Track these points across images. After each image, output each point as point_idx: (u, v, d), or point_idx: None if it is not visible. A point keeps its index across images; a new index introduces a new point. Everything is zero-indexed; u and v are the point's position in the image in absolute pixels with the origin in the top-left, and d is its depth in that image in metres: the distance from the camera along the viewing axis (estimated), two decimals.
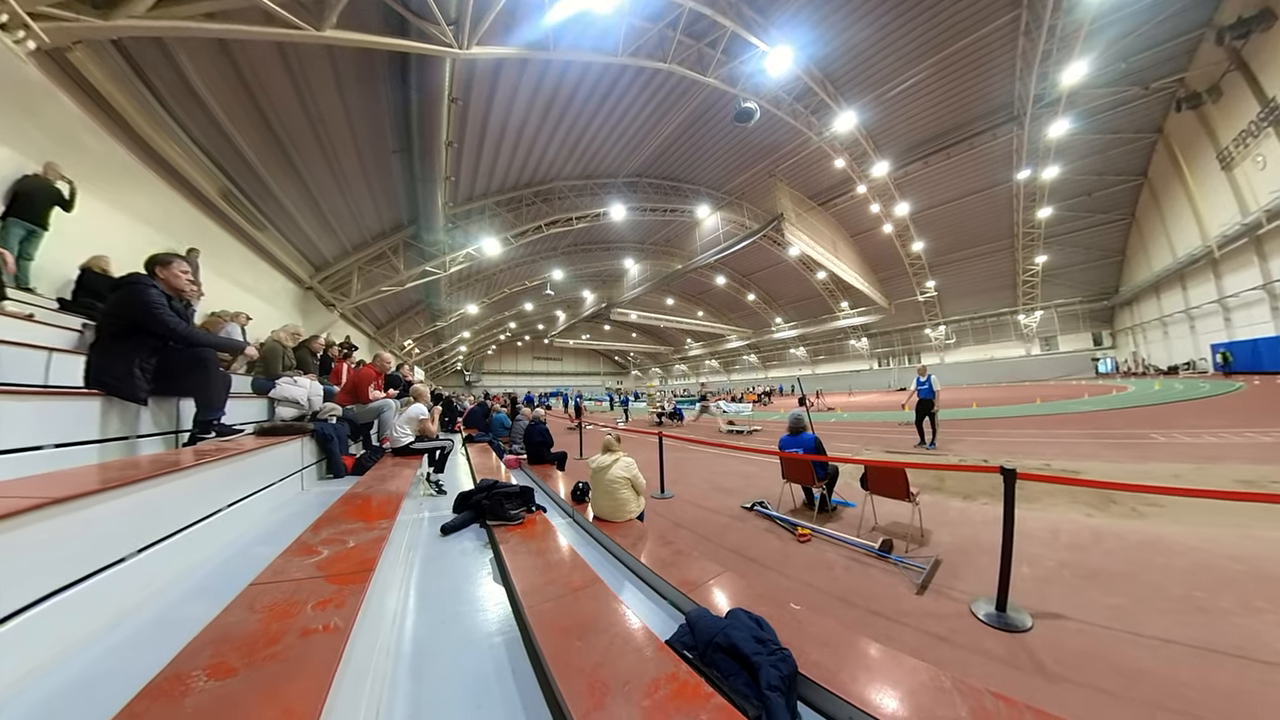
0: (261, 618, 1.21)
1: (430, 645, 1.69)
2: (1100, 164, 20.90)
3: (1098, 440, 7.37)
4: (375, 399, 4.75)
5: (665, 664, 1.31)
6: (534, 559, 2.24)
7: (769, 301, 38.46)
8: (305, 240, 11.20)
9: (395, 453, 4.19)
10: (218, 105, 7.07)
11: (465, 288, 22.64)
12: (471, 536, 2.86)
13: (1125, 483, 2.21)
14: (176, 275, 2.60)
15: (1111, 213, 23.88)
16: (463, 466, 5.73)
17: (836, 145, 17.57)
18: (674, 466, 7.22)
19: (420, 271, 13.31)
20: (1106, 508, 4.10)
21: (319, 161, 9.24)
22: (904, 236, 25.43)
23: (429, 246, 13.15)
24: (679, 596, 2.09)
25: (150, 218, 6.72)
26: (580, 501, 3.66)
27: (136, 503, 1.59)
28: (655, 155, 17.36)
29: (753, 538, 4.15)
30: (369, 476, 3.38)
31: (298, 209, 10.05)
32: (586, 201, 16.89)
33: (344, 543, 1.83)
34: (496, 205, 14.83)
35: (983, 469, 3.47)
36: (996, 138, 18.27)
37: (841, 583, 3.13)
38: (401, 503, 2.67)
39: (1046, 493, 4.59)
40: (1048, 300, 29.88)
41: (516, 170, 14.31)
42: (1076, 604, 2.59)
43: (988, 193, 22.24)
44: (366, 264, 12.94)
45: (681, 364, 62.22)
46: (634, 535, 2.86)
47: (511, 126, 12.05)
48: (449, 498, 3.54)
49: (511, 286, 25.25)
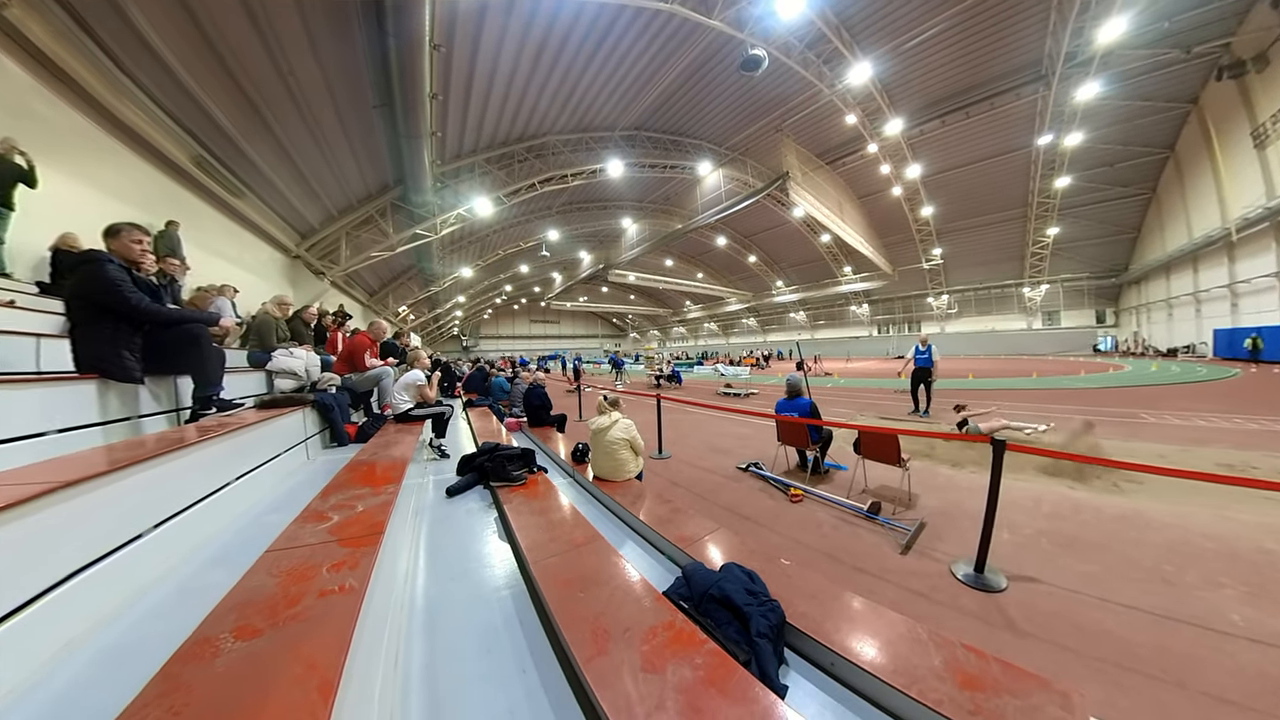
0: (280, 581, 1.27)
1: (441, 601, 1.78)
2: (1126, 133, 19.90)
3: (1089, 416, 7.50)
4: (373, 366, 4.77)
5: (662, 613, 1.39)
6: (537, 518, 2.30)
7: (770, 264, 37.87)
8: (288, 207, 10.77)
9: (397, 419, 4.25)
10: (179, 63, 6.54)
11: (458, 251, 22.15)
12: (476, 498, 2.94)
13: (1108, 458, 2.30)
14: (128, 246, 2.45)
15: (1132, 186, 23.00)
16: (464, 431, 5.80)
17: (848, 99, 16.72)
18: (672, 428, 7.36)
19: (410, 235, 12.93)
20: (1089, 481, 4.25)
21: (295, 121, 8.72)
22: (913, 201, 24.72)
23: (418, 209, 12.70)
24: (676, 551, 2.17)
25: (120, 190, 6.41)
26: (580, 462, 3.72)
27: (147, 480, 1.63)
28: (654, 107, 16.52)
29: (747, 497, 4.30)
30: (372, 444, 3.43)
31: (277, 173, 9.58)
32: (582, 157, 16.21)
33: (353, 508, 1.89)
34: (487, 163, 14.23)
35: (974, 438, 3.58)
36: (1020, 98, 17.32)
37: (830, 541, 3.29)
38: (406, 468, 2.72)
39: (1032, 464, 4.73)
40: (1055, 274, 29.28)
41: (507, 124, 13.61)
42: (1050, 569, 2.74)
43: (1005, 158, 21.39)
44: (354, 229, 12.53)
45: (680, 326, 62.07)
46: (633, 494, 2.94)
47: (500, 76, 11.37)
48: (452, 461, 3.63)
49: (506, 248, 24.71)
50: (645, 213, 26.30)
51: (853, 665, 1.34)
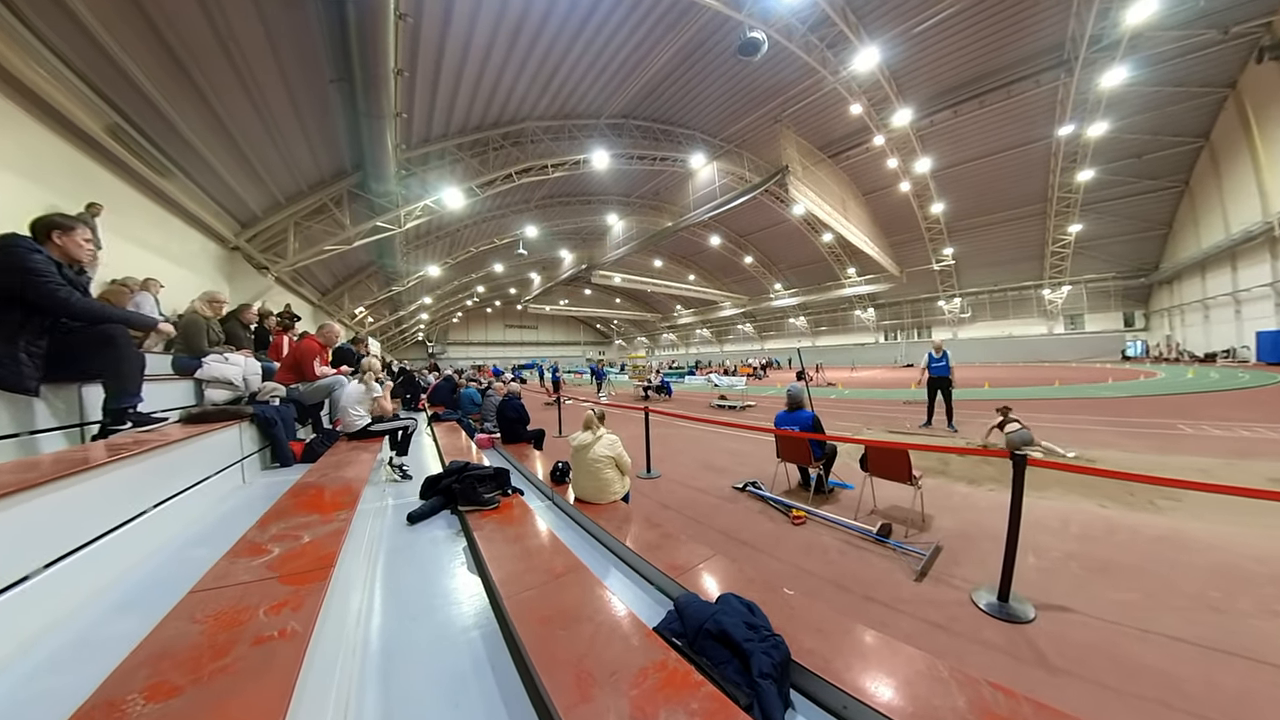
0: (206, 628, 1.21)
1: (401, 644, 1.73)
2: (1157, 122, 20.41)
3: (1118, 428, 7.68)
4: (323, 376, 4.68)
5: (653, 652, 1.37)
6: (511, 546, 2.29)
7: (768, 265, 38.43)
8: (226, 191, 10.49)
9: (350, 436, 4.18)
10: (88, 11, 6.29)
11: (424, 247, 21.96)
12: (441, 524, 2.92)
13: (1142, 474, 2.34)
14: (79, 245, 2.39)
15: (1162, 179, 23.66)
16: (429, 448, 5.73)
17: (854, 88, 17.19)
18: (661, 444, 7.38)
19: (370, 228, 12.77)
20: (1122, 499, 4.33)
21: (235, 91, 8.49)
22: (923, 197, 25.43)
23: (379, 198, 12.55)
24: (667, 582, 2.16)
25: (15, 162, 6.04)
26: (560, 483, 3.73)
27: (37, 511, 1.53)
28: (644, 93, 16.74)
29: (744, 520, 4.31)
30: (322, 463, 3.38)
31: (213, 151, 9.31)
32: (564, 147, 16.30)
33: (297, 538, 1.84)
34: (458, 150, 14.20)
35: (991, 453, 3.63)
36: (1040, 85, 17.84)
37: (837, 568, 3.28)
38: (361, 491, 2.69)
39: (1058, 481, 4.82)
40: (1077, 274, 30.13)
41: (481, 107, 13.63)
42: (1083, 597, 2.75)
43: (1022, 150, 22.09)
44: (305, 219, 12.30)
45: (670, 333, 62.47)
46: (619, 518, 2.94)
47: (474, 53, 11.40)
48: (415, 483, 3.58)
49: (478, 245, 24.60)
50: (633, 209, 26.50)
51: (867, 708, 1.33)
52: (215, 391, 3.73)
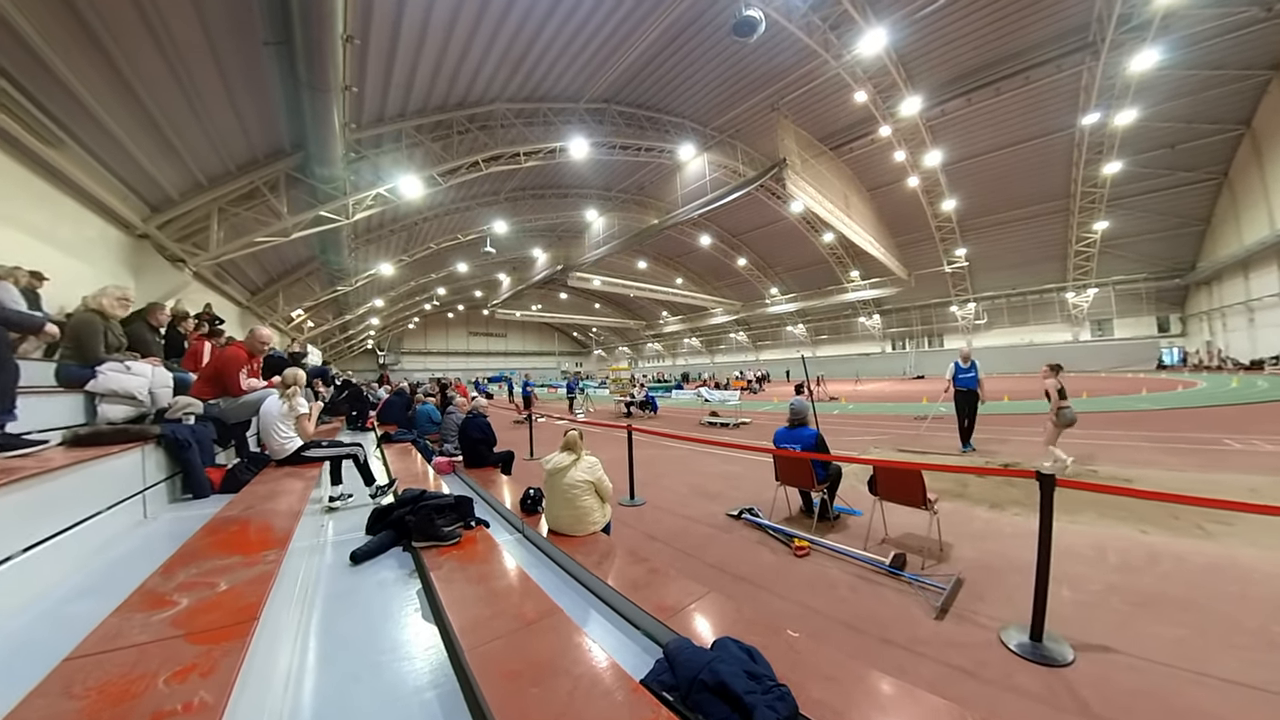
0: (87, 704, 1.13)
1: (340, 710, 1.67)
2: (1191, 108, 20.48)
3: (1157, 444, 7.86)
4: (251, 390, 4.54)
5: (642, 709, 1.36)
6: (474, 587, 2.28)
7: (763, 268, 39.01)
8: (133, 167, 9.95)
9: (282, 462, 4.07)
10: None
11: (376, 241, 21.74)
12: (392, 564, 2.88)
13: (1187, 494, 2.36)
14: None
15: (1198, 170, 24.19)
16: (378, 473, 5.60)
17: (859, 73, 17.72)
18: (646, 466, 7.38)
19: (312, 218, 12.51)
20: (1165, 524, 4.42)
21: (147, 47, 7.92)
22: (933, 193, 26.22)
23: (324, 184, 12.33)
24: (655, 626, 2.16)
25: None
26: (531, 513, 3.75)
27: None
28: (628, 76, 16.98)
29: (741, 552, 4.32)
30: (246, 494, 3.31)
31: (116, 118, 8.73)
32: (538, 133, 16.39)
33: (212, 586, 1.78)
34: (418, 132, 14.14)
35: (1015, 473, 3.68)
36: (1061, 70, 18.40)
37: (847, 605, 3.28)
38: (294, 526, 2.64)
39: (1092, 504, 4.90)
40: (1104, 276, 30.90)
41: (445, 84, 13.60)
42: (1128, 635, 2.77)
43: (1042, 141, 22.79)
44: (232, 204, 11.89)
45: (655, 342, 62.72)
46: (599, 552, 2.96)
47: (437, 21, 11.38)
48: (360, 515, 3.53)
49: (439, 241, 24.44)
50: (614, 204, 26.70)
51: None
52: (112, 407, 3.56)
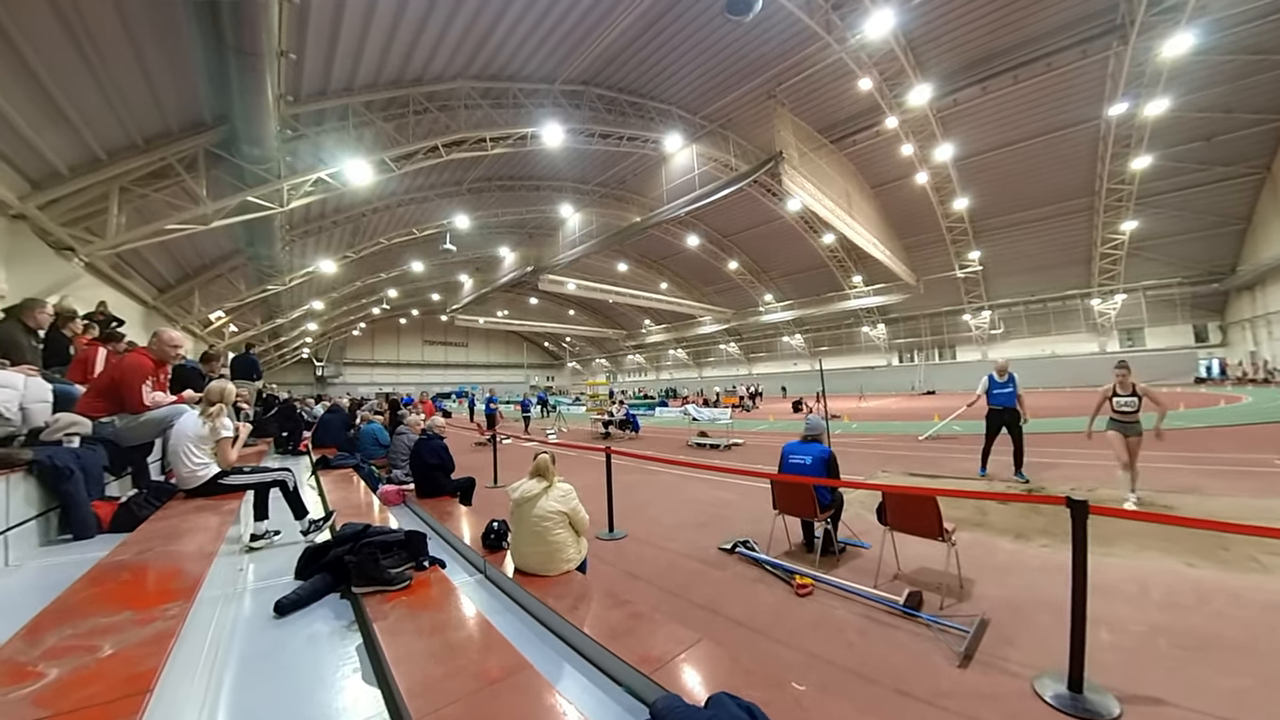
0: None
1: None
2: (1230, 97, 20.61)
3: (1199, 466, 8.03)
4: (156, 405, 4.34)
5: None
6: (426, 639, 2.23)
7: (757, 272, 39.56)
8: (7, 132, 9.43)
9: (193, 492, 3.92)
10: None
11: (317, 234, 21.35)
12: (326, 614, 2.79)
13: (1240, 523, 2.37)
14: None
15: (1238, 164, 24.60)
16: (312, 505, 5.43)
17: (864, 59, 18.19)
18: (627, 494, 7.38)
19: (239, 203, 12.14)
20: (1214, 556, 4.45)
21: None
22: (944, 190, 26.96)
23: (253, 165, 11.95)
24: (640, 681, 2.14)
25: None
26: (495, 549, 3.73)
27: None
28: (609, 55, 17.18)
29: (736, 591, 4.32)
30: (144, 533, 3.16)
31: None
32: (507, 116, 16.42)
33: (92, 651, 1.65)
34: (368, 109, 13.99)
35: (1041, 499, 3.70)
36: (1087, 55, 18.92)
37: (857, 652, 3.26)
38: (206, 570, 2.54)
39: (1130, 533, 4.95)
40: (1134, 281, 31.59)
41: (399, 56, 13.47)
42: (1180, 684, 2.77)
43: (1065, 134, 23.44)
44: (138, 183, 11.21)
45: (637, 354, 62.87)
46: (573, 594, 2.96)
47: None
48: (289, 554, 3.45)
49: (391, 236, 24.23)
50: (592, 199, 26.86)
51: None
52: None
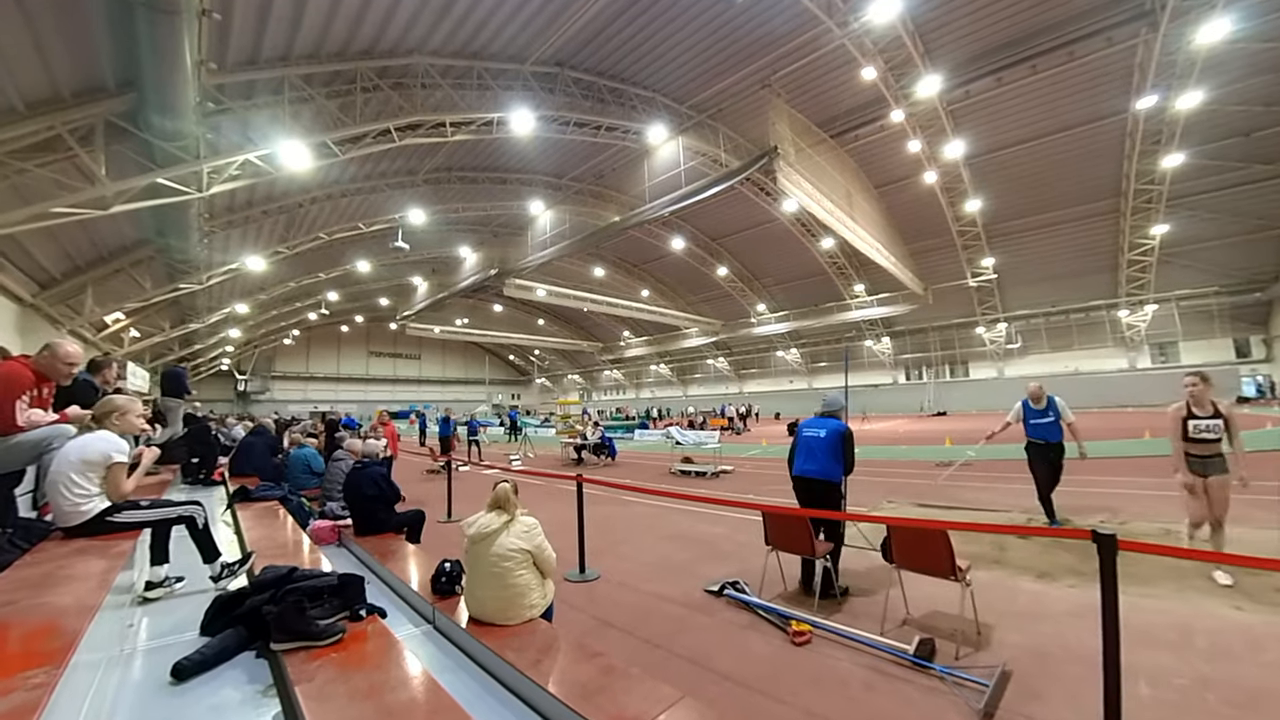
0: None
1: None
2: (1272, 88, 20.85)
3: (1244, 495, 8.12)
4: (33, 425, 4.15)
5: None
6: (360, 705, 2.16)
7: (749, 280, 40.06)
8: None
9: (73, 531, 3.74)
10: None
11: (243, 225, 21.10)
12: (237, 678, 2.66)
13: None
14: None
15: (1279, 163, 25.00)
16: (225, 546, 5.25)
17: (868, 45, 18.61)
18: (601, 529, 7.33)
19: (147, 186, 11.87)
20: (1266, 598, 4.50)
21: None
22: (954, 191, 27.60)
23: (166, 141, 11.63)
24: None
25: None
26: (447, 595, 3.70)
27: None
28: (588, 34, 17.37)
29: (724, 640, 4.29)
30: (5, 582, 3.02)
31: None
32: (471, 99, 16.48)
33: None
34: (307, 83, 13.82)
35: (1065, 533, 3.71)
36: (1112, 43, 19.42)
37: (862, 708, 3.25)
38: (85, 626, 2.39)
39: (1168, 572, 5.00)
40: (1166, 290, 32.17)
41: (347, 22, 13.29)
42: None
43: (1087, 129, 24.02)
44: (15, 155, 10.77)
45: (614, 369, 62.86)
46: (537, 646, 2.93)
47: None
48: (194, 605, 3.30)
49: (333, 230, 24.04)
50: (566, 195, 27.06)
51: None
52: None
